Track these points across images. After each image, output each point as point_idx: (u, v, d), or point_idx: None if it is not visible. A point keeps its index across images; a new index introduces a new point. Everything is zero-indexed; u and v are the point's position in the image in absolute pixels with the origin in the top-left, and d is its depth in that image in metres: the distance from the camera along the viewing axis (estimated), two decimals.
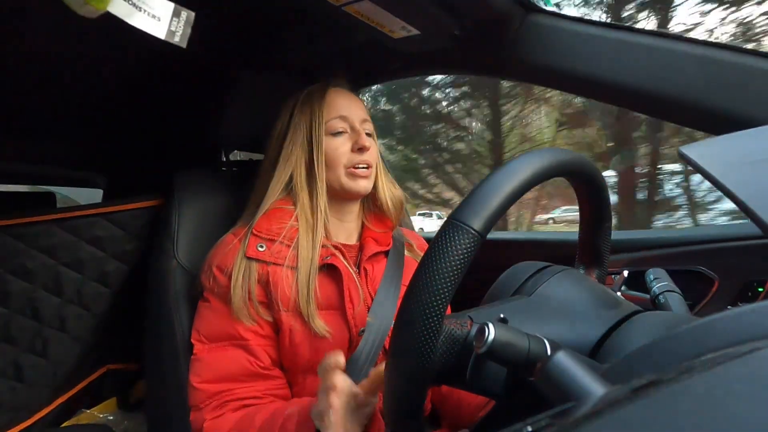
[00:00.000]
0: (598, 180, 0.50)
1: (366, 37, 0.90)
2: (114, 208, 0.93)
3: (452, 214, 0.38)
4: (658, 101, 0.70)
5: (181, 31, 0.47)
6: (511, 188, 0.38)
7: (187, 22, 0.48)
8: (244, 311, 0.67)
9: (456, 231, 0.36)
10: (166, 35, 0.46)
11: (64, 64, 0.90)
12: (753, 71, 0.63)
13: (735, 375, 0.20)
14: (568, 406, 0.24)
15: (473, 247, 0.36)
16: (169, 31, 0.46)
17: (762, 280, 0.81)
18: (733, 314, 0.26)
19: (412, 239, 0.87)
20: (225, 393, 0.67)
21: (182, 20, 0.47)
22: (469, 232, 0.36)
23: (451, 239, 0.36)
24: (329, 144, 0.74)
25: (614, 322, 0.41)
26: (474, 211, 0.37)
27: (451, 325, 0.43)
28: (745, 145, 0.37)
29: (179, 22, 0.47)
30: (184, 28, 0.47)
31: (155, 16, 0.45)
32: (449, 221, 0.38)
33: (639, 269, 0.95)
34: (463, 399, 0.77)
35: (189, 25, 0.48)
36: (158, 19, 0.46)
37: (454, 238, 0.36)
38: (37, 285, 0.87)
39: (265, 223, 0.72)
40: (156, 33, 0.45)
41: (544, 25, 0.78)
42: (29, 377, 0.90)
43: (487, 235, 0.37)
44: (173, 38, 0.47)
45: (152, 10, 0.45)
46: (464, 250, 0.36)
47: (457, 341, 0.42)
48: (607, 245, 0.55)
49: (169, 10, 0.46)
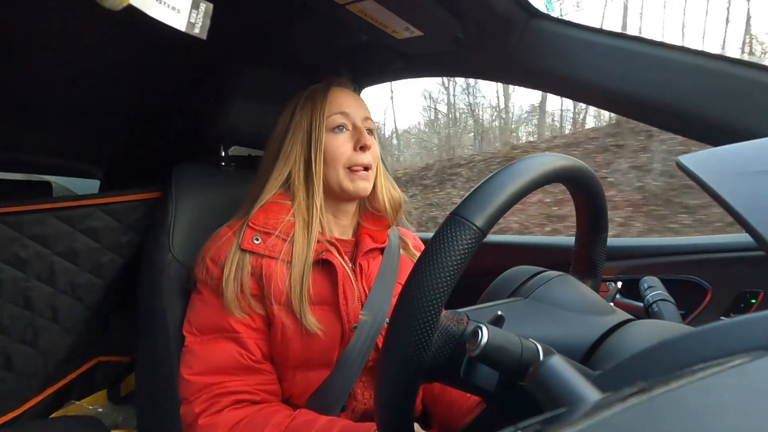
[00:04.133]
0: (597, 189, 0.50)
1: (369, 37, 0.91)
2: (110, 199, 0.93)
3: (455, 209, 0.38)
4: (658, 110, 0.70)
5: (201, 22, 0.47)
6: (515, 188, 0.39)
7: (206, 14, 0.48)
8: (235, 304, 0.67)
9: (458, 226, 0.36)
10: (186, 27, 0.46)
11: (66, 54, 0.90)
12: (753, 83, 0.63)
13: (725, 386, 0.20)
14: (559, 412, 0.24)
15: (474, 244, 0.36)
16: (188, 23, 0.46)
17: (755, 292, 0.82)
18: (726, 325, 0.26)
19: (408, 238, 0.87)
20: (216, 386, 0.66)
21: (201, 12, 0.47)
22: (471, 228, 0.36)
23: (452, 234, 0.36)
24: (330, 141, 0.74)
25: (608, 329, 0.41)
26: (477, 208, 0.37)
27: (448, 321, 0.43)
28: (743, 156, 0.37)
29: (198, 14, 0.47)
30: (203, 19, 0.47)
31: (175, 8, 0.45)
32: (451, 216, 0.38)
33: (633, 277, 0.96)
34: (455, 401, 0.77)
35: (208, 16, 0.48)
36: (177, 11, 0.46)
37: (455, 233, 0.36)
38: (30, 274, 0.86)
39: (262, 216, 0.72)
40: (176, 24, 0.46)
41: (547, 30, 0.78)
42: (19, 367, 0.89)
43: (488, 233, 0.37)
44: (193, 30, 0.47)
45: (172, 2, 0.45)
46: (465, 246, 0.36)
47: (452, 338, 0.42)
48: (602, 256, 0.55)
49: (188, 1, 0.46)
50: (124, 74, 1.02)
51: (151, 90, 1.12)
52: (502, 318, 0.40)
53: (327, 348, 0.69)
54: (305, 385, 0.70)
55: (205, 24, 0.47)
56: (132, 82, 1.06)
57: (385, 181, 0.82)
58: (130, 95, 1.12)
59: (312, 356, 0.69)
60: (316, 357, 0.69)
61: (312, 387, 0.70)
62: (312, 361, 0.69)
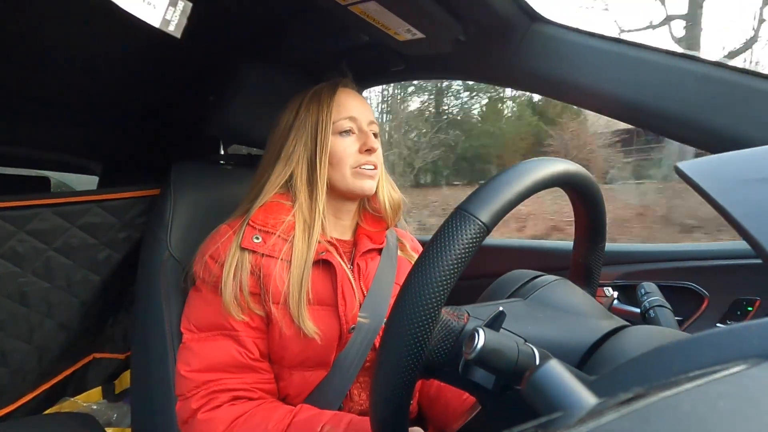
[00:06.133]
0: (599, 199, 0.50)
1: (370, 38, 0.91)
2: (108, 195, 0.93)
3: (460, 204, 0.38)
4: (658, 116, 0.70)
5: (176, 20, 0.47)
6: (521, 187, 0.39)
7: (183, 12, 0.47)
8: (234, 303, 0.67)
9: (463, 220, 0.37)
10: (160, 23, 0.46)
11: (65, 50, 0.90)
12: (753, 92, 0.63)
13: (721, 393, 0.20)
14: (555, 417, 0.24)
15: (479, 239, 0.37)
16: (163, 19, 0.46)
17: (751, 299, 0.82)
18: (722, 332, 0.26)
19: (406, 240, 0.87)
20: (213, 382, 0.66)
21: (178, 10, 0.47)
22: (476, 222, 0.36)
23: (457, 228, 0.36)
24: (337, 144, 0.74)
25: (605, 333, 0.41)
26: (483, 204, 0.37)
27: (448, 315, 0.43)
28: (742, 164, 0.37)
29: (175, 12, 0.46)
30: (179, 17, 0.47)
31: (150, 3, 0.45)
32: (457, 211, 0.38)
33: (631, 282, 0.96)
34: (450, 403, 0.77)
35: (185, 15, 0.47)
36: (153, 7, 0.45)
37: (461, 227, 0.36)
38: (26, 270, 0.86)
39: (262, 215, 0.71)
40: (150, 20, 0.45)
41: (548, 35, 0.78)
42: (13, 362, 0.89)
43: (492, 230, 0.38)
44: (167, 27, 0.46)
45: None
46: (470, 240, 0.36)
47: (452, 333, 0.42)
48: (599, 267, 0.55)
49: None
50: (124, 70, 1.02)
51: (151, 87, 1.12)
52: (503, 314, 0.40)
53: (324, 349, 0.69)
54: (302, 385, 0.70)
55: (181, 22, 0.47)
56: (132, 78, 1.06)
57: (386, 182, 0.82)
58: (129, 92, 1.12)
59: (309, 356, 0.69)
60: (313, 357, 0.69)
61: (309, 387, 0.70)
62: (309, 361, 0.69)
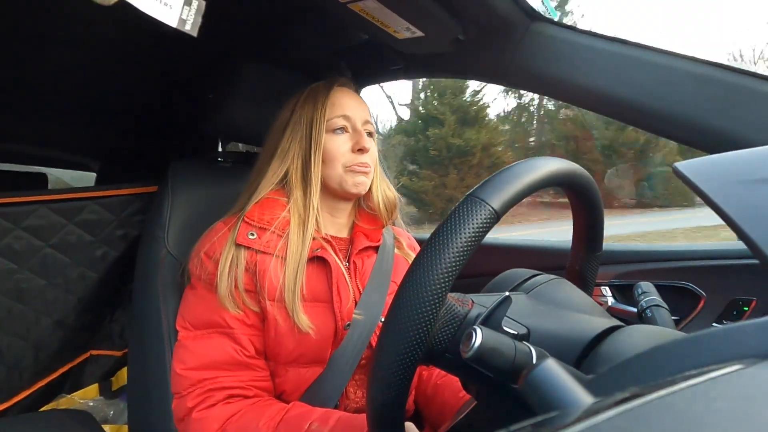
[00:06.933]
0: (599, 207, 0.51)
1: (370, 37, 0.90)
2: (106, 192, 0.93)
3: (472, 191, 0.39)
4: (657, 117, 0.71)
5: (192, 19, 0.47)
6: (531, 179, 0.40)
7: (198, 11, 0.48)
8: (229, 299, 0.67)
9: (474, 206, 0.37)
10: (177, 23, 0.46)
11: (64, 47, 0.89)
12: (752, 93, 0.63)
13: (717, 393, 0.20)
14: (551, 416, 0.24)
15: (489, 224, 0.37)
16: (180, 19, 0.46)
17: (748, 300, 0.82)
18: (718, 332, 0.26)
19: (402, 238, 0.87)
20: (209, 380, 0.66)
21: (193, 9, 0.47)
22: (486, 208, 0.37)
23: (468, 212, 0.37)
24: (330, 142, 0.74)
25: (604, 329, 0.41)
26: (494, 191, 0.38)
27: (453, 300, 0.43)
28: (740, 164, 0.38)
29: (190, 11, 0.47)
30: (195, 16, 0.47)
31: (167, 4, 0.45)
32: (468, 197, 0.38)
33: (627, 282, 0.96)
34: (447, 402, 0.77)
35: (200, 13, 0.48)
36: (170, 7, 0.46)
37: (471, 212, 0.37)
38: (23, 266, 0.86)
39: (257, 211, 0.72)
40: (167, 20, 0.45)
41: (547, 34, 0.78)
42: (10, 359, 0.89)
43: (501, 217, 0.38)
44: (184, 26, 0.47)
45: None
46: (480, 224, 0.37)
47: (456, 318, 0.42)
48: (594, 276, 0.56)
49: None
50: (123, 68, 1.02)
51: (150, 84, 1.11)
52: (509, 299, 0.40)
53: (320, 345, 0.69)
54: (298, 382, 0.70)
55: (197, 21, 0.48)
56: (130, 75, 1.05)
57: (381, 181, 0.82)
58: (128, 89, 1.11)
59: (304, 353, 0.69)
60: (308, 354, 0.69)
61: (305, 384, 0.70)
62: (304, 358, 0.69)
